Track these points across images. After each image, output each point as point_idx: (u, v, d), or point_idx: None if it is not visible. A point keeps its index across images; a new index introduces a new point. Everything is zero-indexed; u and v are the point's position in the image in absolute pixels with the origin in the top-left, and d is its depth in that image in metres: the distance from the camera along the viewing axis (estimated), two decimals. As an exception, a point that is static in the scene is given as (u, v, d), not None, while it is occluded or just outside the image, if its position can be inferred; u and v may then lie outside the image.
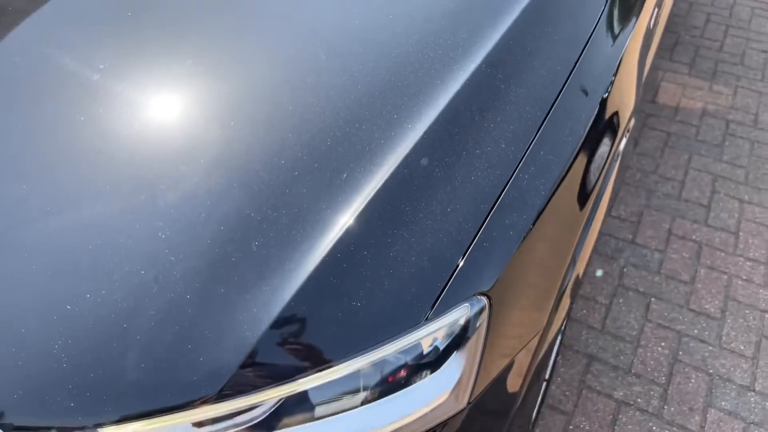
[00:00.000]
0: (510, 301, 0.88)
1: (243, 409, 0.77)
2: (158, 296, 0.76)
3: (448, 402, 0.85)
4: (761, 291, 1.99)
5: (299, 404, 0.79)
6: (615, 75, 1.09)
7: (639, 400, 1.71)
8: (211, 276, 0.77)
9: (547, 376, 1.62)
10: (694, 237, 2.16)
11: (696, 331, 1.88)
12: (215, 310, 0.76)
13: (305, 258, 0.78)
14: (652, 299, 1.96)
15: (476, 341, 0.84)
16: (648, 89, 2.86)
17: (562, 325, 1.11)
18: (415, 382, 0.83)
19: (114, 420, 0.74)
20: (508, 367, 0.91)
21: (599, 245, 2.13)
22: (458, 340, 0.83)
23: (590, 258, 1.63)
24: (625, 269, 2.05)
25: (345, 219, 0.81)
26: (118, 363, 0.74)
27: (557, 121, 0.96)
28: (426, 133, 0.88)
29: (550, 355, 1.12)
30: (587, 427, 1.66)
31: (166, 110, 0.92)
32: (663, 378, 1.76)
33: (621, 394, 1.72)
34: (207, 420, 0.77)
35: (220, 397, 0.75)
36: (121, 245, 0.79)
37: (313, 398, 0.79)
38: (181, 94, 0.94)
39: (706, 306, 1.94)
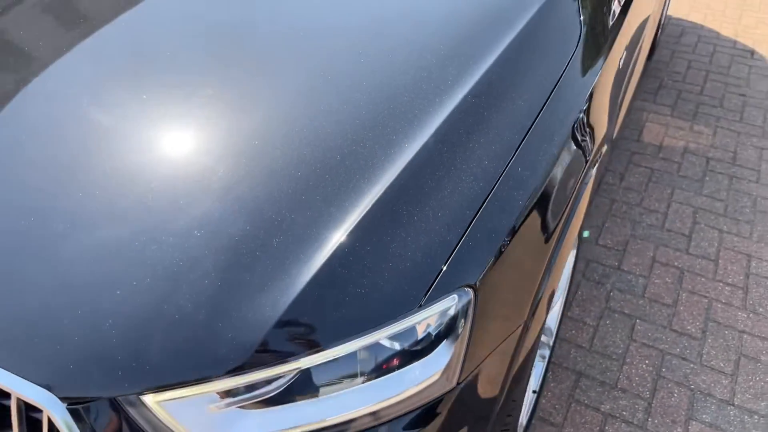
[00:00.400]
0: (493, 295, 1.02)
1: (262, 381, 0.90)
2: (193, 284, 0.90)
3: (440, 381, 0.98)
4: (740, 313, 2.11)
5: (308, 380, 0.92)
6: (585, 106, 1.25)
7: (624, 413, 1.82)
8: (238, 267, 0.91)
9: (536, 388, 1.73)
10: (676, 264, 2.30)
11: (678, 349, 1.99)
12: (241, 295, 0.90)
13: (317, 252, 0.93)
14: (637, 320, 2.08)
15: (464, 327, 0.98)
16: (633, 129, 3.04)
17: (539, 333, 1.23)
18: (411, 363, 0.96)
19: (153, 388, 0.87)
20: (494, 354, 1.04)
21: (587, 271, 2.26)
22: (448, 326, 0.97)
23: (573, 278, 1.75)
24: (611, 293, 2.18)
25: (351, 220, 0.96)
26: (159, 339, 0.88)
27: (533, 143, 1.11)
28: (420, 151, 1.04)
29: (531, 360, 1.24)
30: (576, 438, 1.76)
31: (205, 134, 1.08)
32: (647, 393, 1.87)
33: (608, 407, 1.83)
34: (231, 390, 0.89)
35: (243, 369, 0.88)
36: (164, 242, 0.93)
37: (322, 373, 0.92)
38: (216, 120, 1.10)
39: (688, 327, 2.06)
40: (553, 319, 1.77)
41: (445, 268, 0.96)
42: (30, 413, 0.92)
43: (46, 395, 0.87)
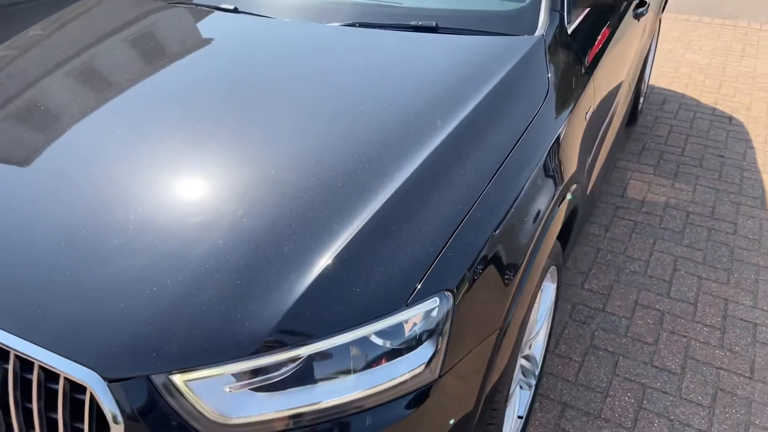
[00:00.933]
0: (470, 301, 1.19)
1: (271, 365, 1.06)
2: (217, 283, 1.08)
3: (425, 373, 1.14)
4: (717, 351, 2.25)
5: (309, 368, 1.08)
6: (551, 148, 1.46)
7: (608, 441, 1.93)
8: (255, 269, 1.09)
9: (523, 414, 1.86)
10: (657, 306, 2.45)
11: (659, 383, 2.12)
12: (256, 292, 1.07)
13: (321, 258, 1.11)
14: (620, 357, 2.22)
15: (444, 326, 1.14)
16: (618, 186, 3.26)
17: (516, 343, 1.38)
18: (399, 357, 1.12)
19: (181, 369, 1.04)
20: (473, 353, 1.20)
21: (574, 313, 2.41)
22: (431, 324, 1.14)
23: (558, 315, 1.89)
24: (596, 332, 2.33)
25: (349, 233, 1.14)
26: (187, 327, 1.05)
27: (504, 175, 1.31)
28: (408, 179, 1.24)
29: (510, 369, 1.39)
30: (562, 464, 1.87)
31: (231, 167, 1.29)
32: (629, 422, 1.98)
33: (592, 435, 1.94)
34: (245, 372, 1.06)
35: (255, 354, 1.04)
36: (194, 249, 1.12)
37: (321, 362, 1.08)
38: (239, 156, 1.31)
39: (668, 363, 2.20)
40: (537, 348, 1.92)
41: (427, 275, 1.14)
42: (73, 394, 1.08)
43: (90, 374, 1.04)
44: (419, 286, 1.12)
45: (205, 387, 1.05)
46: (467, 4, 1.79)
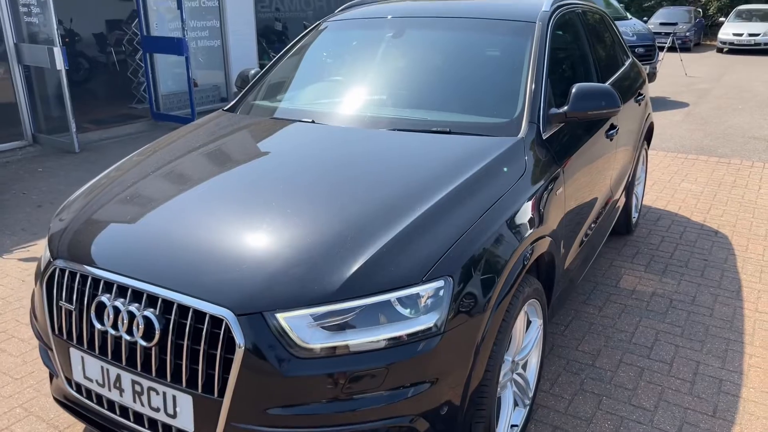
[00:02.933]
0: (464, 287, 1.82)
1: (336, 311, 1.69)
2: (308, 259, 1.75)
3: (432, 328, 1.74)
4: (686, 397, 2.71)
5: (357, 316, 1.71)
6: (525, 205, 2.15)
7: (589, 453, 2.38)
8: (332, 249, 1.78)
9: (518, 423, 2.35)
10: (638, 364, 2.95)
11: (634, 416, 2.58)
12: (332, 264, 1.74)
13: (372, 248, 1.78)
14: (603, 397, 2.70)
15: (447, 300, 1.77)
16: (612, 279, 3.84)
17: (497, 336, 1.96)
18: (415, 317, 1.75)
19: (282, 309, 1.68)
20: (467, 323, 1.81)
21: (567, 366, 2.92)
22: (437, 295, 1.76)
23: (550, 363, 2.41)
24: (585, 380, 2.82)
25: (390, 236, 1.82)
26: (286, 283, 1.70)
27: (491, 213, 2.00)
28: (427, 210, 1.93)
29: (499, 353, 1.96)
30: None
31: (321, 202, 2.02)
32: (607, 441, 2.44)
33: (576, 449, 2.40)
34: (319, 314, 1.69)
35: (327, 304, 1.69)
36: (293, 239, 1.82)
37: (366, 312, 1.71)
38: (308, 201, 2.05)
39: (644, 403, 2.67)
40: (531, 373, 2.44)
41: (436, 265, 1.79)
42: (212, 329, 1.72)
43: (227, 312, 1.69)
44: (430, 271, 1.78)
45: (294, 322, 1.69)
46: (473, 117, 2.59)
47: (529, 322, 2.37)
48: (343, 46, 3.38)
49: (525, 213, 2.15)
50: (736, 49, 18.63)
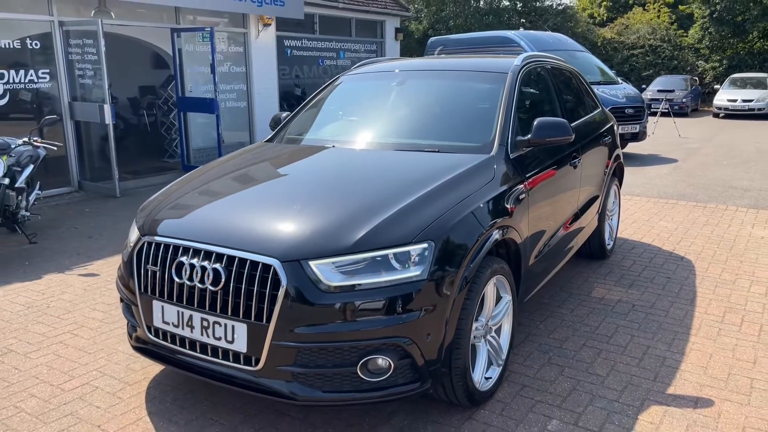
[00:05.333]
0: (444, 251, 2.52)
1: (350, 262, 2.40)
2: (333, 221, 2.48)
3: (420, 276, 2.44)
4: (634, 368, 3.31)
5: (366, 265, 2.41)
6: (491, 200, 2.87)
7: (548, 402, 2.99)
8: (354, 214, 2.51)
9: (492, 377, 2.99)
10: (597, 347, 3.56)
11: (589, 380, 3.18)
12: (349, 227, 2.46)
13: (380, 216, 2.50)
14: (566, 368, 3.31)
15: (430, 257, 2.47)
16: (585, 291, 4.49)
17: (468, 295, 2.65)
18: (407, 268, 2.45)
19: (313, 257, 2.39)
20: (446, 277, 2.49)
21: (539, 347, 3.55)
22: (423, 254, 2.47)
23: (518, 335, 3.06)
24: (551, 357, 3.44)
25: (392, 209, 2.55)
26: (318, 238, 2.42)
27: (465, 202, 2.73)
28: (420, 196, 2.67)
29: (472, 301, 2.64)
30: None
31: (349, 181, 2.76)
32: (565, 394, 3.04)
33: (539, 398, 3.01)
34: (338, 262, 2.40)
35: (345, 254, 2.39)
36: (324, 207, 2.55)
37: (368, 265, 2.41)
38: (343, 182, 2.80)
39: (598, 371, 3.27)
40: (504, 339, 3.09)
41: (422, 232, 2.51)
42: (262, 274, 2.43)
43: (275, 261, 2.40)
44: (418, 235, 2.49)
45: (322, 268, 2.40)
46: (457, 142, 3.36)
47: (499, 297, 3.04)
48: (356, 94, 4.22)
49: (491, 206, 2.88)
50: (731, 114, 19.57)
